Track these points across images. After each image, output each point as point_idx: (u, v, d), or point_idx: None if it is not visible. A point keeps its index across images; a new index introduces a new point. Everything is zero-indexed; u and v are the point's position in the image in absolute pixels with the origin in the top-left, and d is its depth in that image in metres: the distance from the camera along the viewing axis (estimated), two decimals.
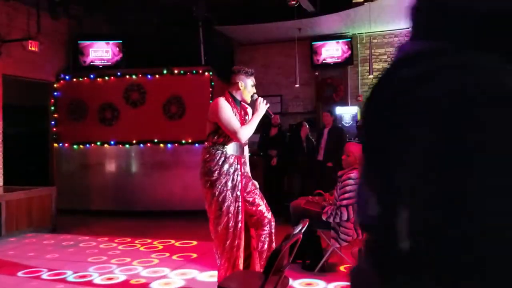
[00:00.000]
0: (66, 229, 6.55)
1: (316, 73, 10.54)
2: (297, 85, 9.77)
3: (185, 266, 4.68)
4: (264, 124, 7.95)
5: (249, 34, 10.17)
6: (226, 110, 3.44)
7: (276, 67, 10.89)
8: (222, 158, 3.45)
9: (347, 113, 9.76)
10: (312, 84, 10.63)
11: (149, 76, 8.07)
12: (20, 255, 5.19)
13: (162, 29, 9.18)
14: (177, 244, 5.64)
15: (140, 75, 8.08)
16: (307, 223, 2.88)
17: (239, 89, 3.59)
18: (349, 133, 8.85)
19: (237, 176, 3.46)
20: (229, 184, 3.42)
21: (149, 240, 5.83)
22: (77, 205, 7.91)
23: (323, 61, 10.34)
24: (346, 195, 4.05)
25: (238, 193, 3.44)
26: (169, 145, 7.92)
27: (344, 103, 10.27)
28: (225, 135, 3.45)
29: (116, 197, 8.02)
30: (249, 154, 3.77)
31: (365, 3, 8.61)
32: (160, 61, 8.37)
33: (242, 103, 3.60)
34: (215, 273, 4.29)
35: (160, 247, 5.47)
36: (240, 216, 3.41)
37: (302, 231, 2.71)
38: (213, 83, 7.95)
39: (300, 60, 10.02)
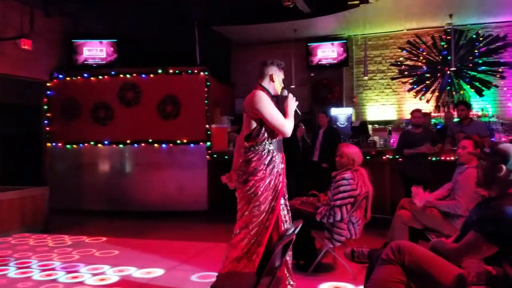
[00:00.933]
0: (59, 229, 6.49)
1: (312, 74, 10.54)
2: (292, 86, 9.75)
3: (179, 267, 4.64)
4: None
5: (246, 34, 10.16)
6: (269, 103, 3.28)
7: None
8: (269, 157, 3.32)
9: (342, 114, 9.76)
10: (307, 85, 10.63)
11: (144, 76, 8.02)
12: (11, 255, 5.13)
13: (158, 29, 9.15)
14: (171, 244, 5.59)
15: (134, 74, 8.03)
16: (301, 224, 2.85)
17: (272, 81, 3.42)
18: (344, 134, 8.83)
19: (280, 175, 3.39)
20: (272, 183, 3.33)
21: (143, 241, 5.79)
22: (70, 205, 7.85)
23: (319, 62, 10.35)
24: (340, 196, 4.03)
25: (278, 193, 3.35)
26: (163, 145, 7.87)
27: (339, 104, 10.27)
28: (270, 131, 3.30)
29: (110, 198, 7.96)
30: None
31: (360, 5, 8.62)
32: (156, 61, 8.33)
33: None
34: (210, 274, 4.28)
35: (154, 247, 5.42)
36: (272, 215, 3.31)
37: (296, 231, 2.69)
38: (208, 83, 7.91)
39: (296, 61, 10.01)
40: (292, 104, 3.41)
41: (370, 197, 4.21)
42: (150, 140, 7.90)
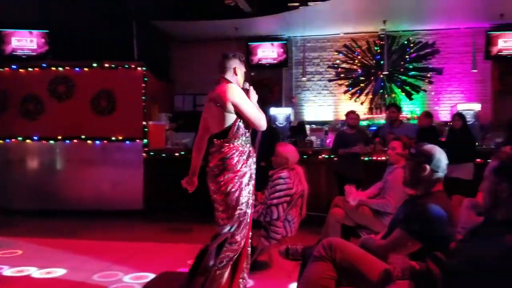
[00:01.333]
0: None
1: (252, 74, 10.59)
2: None
3: (111, 268, 4.49)
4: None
5: (186, 31, 10.03)
6: (244, 95, 3.19)
7: (212, 65, 10.72)
8: (247, 152, 3.25)
9: (281, 114, 9.87)
10: (248, 84, 10.65)
11: (77, 69, 7.68)
12: None
13: (94, 21, 8.82)
14: (104, 245, 5.41)
15: (67, 68, 7.67)
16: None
17: (235, 74, 3.33)
18: (283, 133, 8.96)
19: (254, 169, 3.32)
20: (251, 177, 3.27)
21: (75, 241, 5.56)
22: None
23: (259, 62, 10.42)
24: (276, 194, 4.08)
25: (252, 186, 3.30)
26: (97, 142, 7.59)
27: (278, 104, 10.40)
28: (246, 124, 3.23)
29: (40, 196, 7.55)
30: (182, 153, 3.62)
31: (300, 7, 8.78)
32: (90, 54, 8.03)
33: None
34: (143, 274, 4.18)
35: (86, 248, 5.22)
36: (252, 208, 3.31)
37: (231, 230, 2.69)
38: (146, 79, 7.73)
39: None
40: (255, 96, 3.36)
41: (306, 195, 4.30)
42: (83, 137, 7.59)
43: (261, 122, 3.25)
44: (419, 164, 2.46)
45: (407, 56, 9.82)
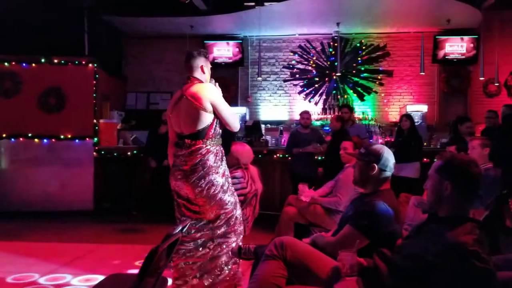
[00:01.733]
0: None
1: None
2: None
3: (58, 270, 4.34)
4: (153, 122, 7.73)
5: (139, 27, 9.84)
6: (221, 94, 3.17)
7: (167, 63, 10.67)
8: (221, 153, 3.22)
9: (236, 113, 9.85)
10: (214, 80, 10.57)
11: (24, 65, 7.38)
12: None
13: (42, 14, 8.46)
14: (51, 246, 5.21)
15: (13, 63, 7.35)
16: (188, 223, 2.83)
17: (203, 72, 3.29)
18: (238, 133, 8.96)
19: (227, 168, 3.32)
20: (228, 177, 3.28)
21: (20, 243, 5.32)
22: None
23: (215, 61, 10.36)
24: None
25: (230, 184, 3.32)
26: (45, 140, 7.32)
27: (234, 103, 10.39)
28: (221, 124, 3.21)
29: None
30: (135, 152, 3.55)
31: (256, 7, 8.82)
32: (38, 49, 7.71)
33: None
34: (92, 276, 4.07)
35: (32, 250, 5.01)
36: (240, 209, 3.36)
37: (183, 230, 2.65)
38: (97, 76, 7.52)
39: None
40: (220, 93, 3.30)
41: (259, 194, 4.32)
42: (30, 135, 7.30)
43: (236, 123, 3.27)
44: (368, 163, 2.53)
45: (359, 58, 10.07)
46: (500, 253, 3.38)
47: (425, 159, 6.58)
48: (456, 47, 9.74)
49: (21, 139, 7.28)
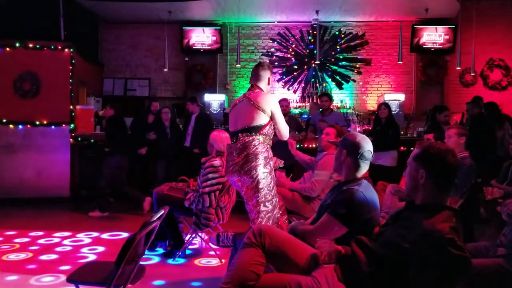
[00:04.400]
0: None
1: (186, 59, 10.42)
2: (166, 69, 9.54)
3: (34, 258, 4.28)
4: (142, 111, 7.65)
5: (115, 11, 9.63)
6: (279, 106, 3.59)
7: (144, 49, 10.52)
8: (270, 149, 3.51)
9: (215, 100, 9.82)
10: (182, 69, 10.49)
11: None
12: None
13: None
14: (26, 234, 5.13)
15: None
16: (167, 210, 2.81)
17: (268, 84, 3.71)
18: (217, 120, 8.92)
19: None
20: (274, 178, 3.53)
21: None
22: None
23: (193, 47, 10.25)
24: (208, 183, 4.05)
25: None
26: (20, 126, 7.17)
27: (213, 90, 10.33)
28: (273, 129, 3.57)
29: None
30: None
31: None
32: (13, 33, 7.50)
33: None
34: (69, 264, 4.03)
35: (7, 238, 4.93)
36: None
37: (162, 218, 2.64)
38: (74, 61, 7.37)
39: (170, 44, 9.80)
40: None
41: None
42: (4, 120, 7.14)
43: (287, 133, 3.67)
44: (348, 152, 2.54)
45: (338, 47, 10.10)
46: (474, 241, 3.48)
47: (402, 148, 6.68)
48: (433, 36, 9.86)
49: None
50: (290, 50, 10.27)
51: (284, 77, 10.28)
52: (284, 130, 3.61)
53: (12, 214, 6.27)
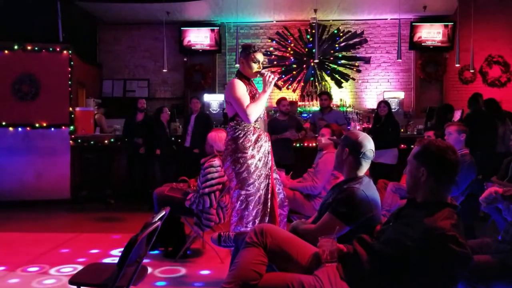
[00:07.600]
0: None
1: (185, 59, 10.42)
2: (165, 70, 9.54)
3: (36, 261, 4.28)
4: (130, 109, 7.60)
5: (114, 13, 9.64)
6: (239, 89, 3.35)
7: (143, 50, 10.52)
8: (256, 134, 3.34)
9: (214, 100, 9.82)
10: (180, 70, 10.49)
11: None
12: None
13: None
14: (26, 237, 5.12)
15: None
16: (168, 211, 2.80)
17: (247, 66, 3.55)
18: (216, 120, 8.92)
19: (268, 153, 3.40)
20: (262, 161, 3.32)
21: None
22: None
23: (192, 47, 10.25)
24: (208, 183, 4.04)
25: (269, 170, 3.36)
26: (19, 129, 7.16)
27: (212, 90, 10.33)
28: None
29: None
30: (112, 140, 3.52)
31: None
32: (11, 35, 7.49)
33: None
34: (70, 266, 4.02)
35: (6, 241, 4.92)
36: (269, 194, 3.34)
37: (163, 219, 2.64)
38: (72, 63, 7.36)
39: (169, 45, 9.80)
40: (270, 83, 3.55)
41: None
42: (4, 123, 7.13)
43: (243, 114, 3.30)
44: (350, 150, 2.54)
45: (336, 45, 10.09)
46: (475, 238, 3.48)
47: (402, 146, 6.68)
48: (432, 33, 9.85)
49: None
50: (289, 49, 10.26)
51: (283, 76, 10.27)
52: (241, 113, 3.30)
53: (13, 217, 6.26)
